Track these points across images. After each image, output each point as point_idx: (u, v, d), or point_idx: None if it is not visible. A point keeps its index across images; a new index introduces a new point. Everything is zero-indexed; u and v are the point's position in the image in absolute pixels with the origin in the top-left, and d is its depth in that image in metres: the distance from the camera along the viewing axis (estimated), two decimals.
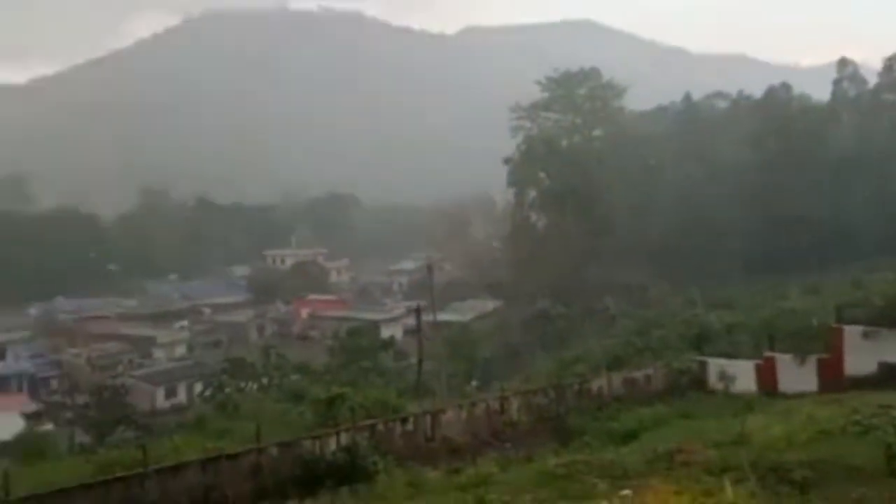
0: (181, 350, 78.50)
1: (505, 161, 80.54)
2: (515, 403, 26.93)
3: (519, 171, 79.91)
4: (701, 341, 34.40)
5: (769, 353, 29.02)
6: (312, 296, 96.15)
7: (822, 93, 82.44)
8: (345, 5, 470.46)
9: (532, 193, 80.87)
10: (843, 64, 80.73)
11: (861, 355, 26.05)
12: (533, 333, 61.22)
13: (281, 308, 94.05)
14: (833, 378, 26.26)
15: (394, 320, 79.02)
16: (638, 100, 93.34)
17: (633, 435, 22.90)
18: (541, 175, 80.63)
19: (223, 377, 51.44)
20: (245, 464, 19.97)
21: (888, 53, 76.60)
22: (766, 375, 28.45)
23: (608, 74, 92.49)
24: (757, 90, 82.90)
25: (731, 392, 27.55)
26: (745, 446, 16.99)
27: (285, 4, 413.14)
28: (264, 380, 49.96)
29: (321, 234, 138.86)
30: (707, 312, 44.02)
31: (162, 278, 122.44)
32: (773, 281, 57.81)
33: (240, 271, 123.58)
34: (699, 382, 29.88)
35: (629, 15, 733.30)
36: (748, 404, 24.17)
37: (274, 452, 20.48)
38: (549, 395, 28.03)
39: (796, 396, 25.60)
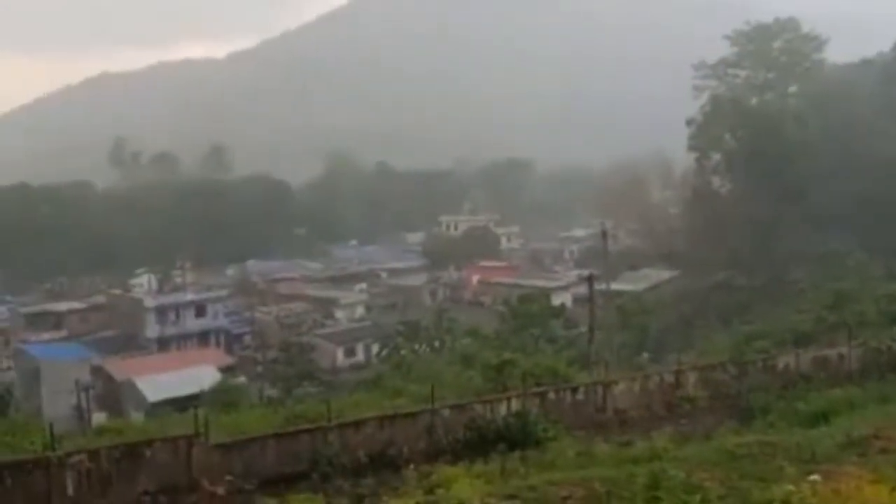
0: (360, 311, 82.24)
1: (687, 122, 76.39)
2: (692, 378, 25.82)
3: (702, 133, 75.06)
4: None
5: None
6: (483, 262, 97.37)
7: None
8: None
9: (716, 157, 75.92)
10: None
11: None
12: (711, 306, 58.55)
13: (453, 274, 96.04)
14: None
15: (564, 288, 78.36)
16: (841, 51, 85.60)
17: (823, 417, 21.29)
18: (726, 137, 75.72)
19: (398, 339, 53.57)
20: (420, 423, 20.56)
21: None
22: None
23: (808, 25, 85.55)
24: None
25: None
26: None
27: None
28: (436, 343, 51.46)
29: (494, 200, 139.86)
30: None
31: (344, 243, 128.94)
32: None
33: (414, 237, 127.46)
34: None
35: None
36: None
37: (446, 413, 20.94)
38: (730, 371, 26.62)
39: None
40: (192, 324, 72.36)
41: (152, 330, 70.13)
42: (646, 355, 47.42)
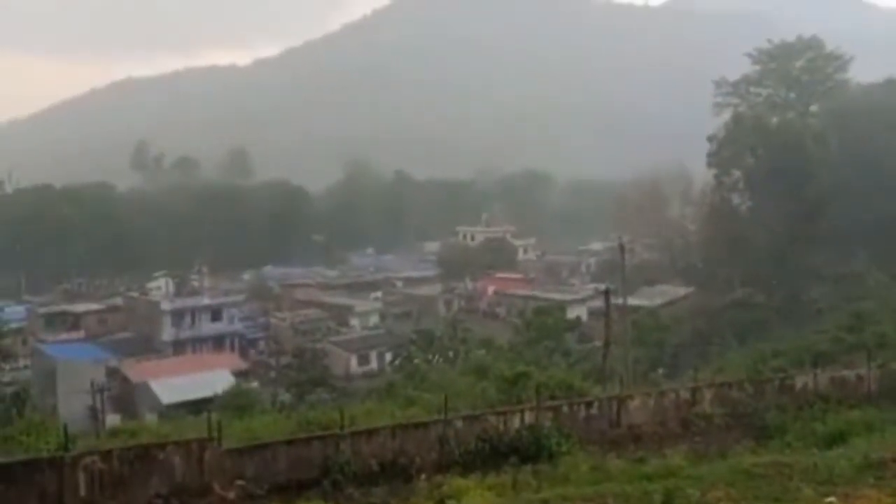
0: (374, 319, 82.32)
1: (708, 139, 76.11)
2: (708, 395, 25.54)
3: (723, 150, 75.11)
4: None
5: None
6: (499, 273, 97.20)
7: None
8: None
9: (736, 174, 75.73)
10: None
11: None
12: (728, 323, 58.04)
13: (469, 284, 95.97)
14: None
15: (580, 301, 78.03)
16: (866, 71, 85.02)
17: (841, 438, 20.97)
18: (746, 154, 75.40)
19: (412, 348, 53.59)
20: (432, 433, 20.45)
21: None
22: None
23: (832, 44, 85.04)
24: None
25: None
26: None
27: None
28: (450, 353, 51.43)
29: (512, 211, 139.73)
30: None
31: (361, 250, 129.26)
32: None
33: (431, 246, 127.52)
34: None
35: None
36: None
37: (459, 425, 20.83)
38: (747, 390, 26.31)
39: None
40: (208, 328, 72.74)
41: (168, 333, 70.52)
42: (661, 371, 47.08)
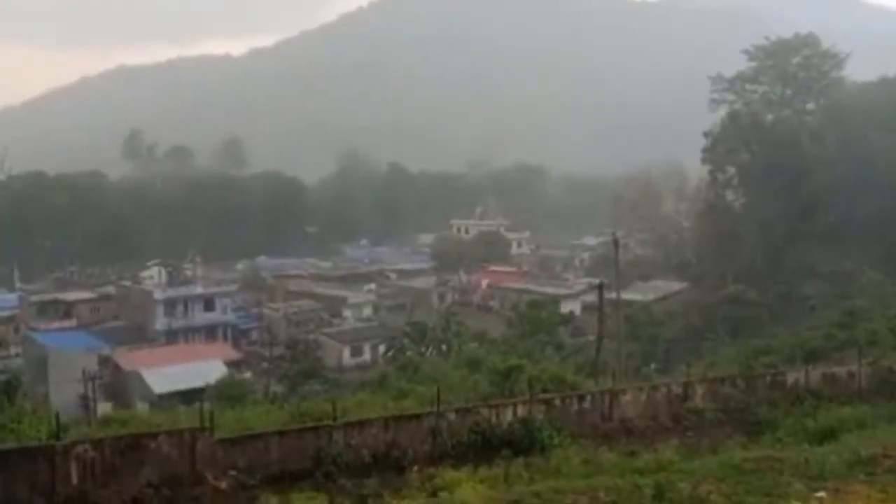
0: (368, 311, 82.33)
1: (705, 135, 76.19)
2: (700, 390, 25.63)
3: (718, 146, 75.25)
4: None
5: None
6: (493, 266, 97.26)
7: None
8: None
9: (730, 170, 75.94)
10: None
11: None
12: (720, 319, 58.22)
13: (462, 277, 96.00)
14: None
15: (574, 296, 78.19)
16: (862, 69, 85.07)
17: (832, 435, 21.09)
18: (742, 151, 75.54)
19: (405, 340, 53.59)
20: (425, 425, 20.48)
21: None
22: None
23: (829, 42, 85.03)
24: None
25: None
26: None
27: None
28: (443, 345, 51.43)
29: (506, 205, 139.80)
30: None
31: (354, 242, 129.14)
32: None
33: (425, 239, 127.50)
34: None
35: None
36: None
37: (452, 417, 20.86)
38: (738, 385, 26.41)
39: None
40: (201, 317, 72.68)
41: (161, 322, 70.42)
42: (654, 366, 47.22)
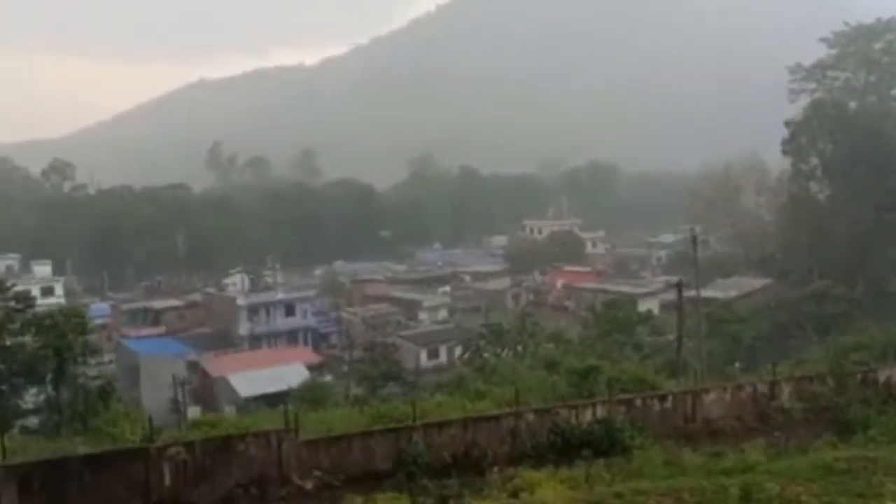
0: (443, 314, 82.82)
1: (786, 124, 73.65)
2: (787, 389, 24.81)
3: (799, 137, 72.61)
4: None
5: None
6: (568, 267, 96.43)
7: None
8: None
9: (814, 161, 73.16)
10: None
11: None
12: (807, 316, 56.20)
13: (537, 278, 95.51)
14: None
15: (651, 294, 76.80)
16: None
17: None
18: (825, 141, 72.67)
19: (481, 342, 53.57)
20: (504, 426, 20.49)
21: None
22: None
23: None
24: None
25: None
26: None
27: None
28: (519, 347, 51.19)
29: (579, 204, 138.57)
30: None
31: (428, 246, 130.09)
32: None
33: (498, 240, 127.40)
34: None
35: None
36: None
37: (531, 418, 20.81)
38: (828, 383, 25.44)
39: None
40: (282, 322, 74.45)
41: (244, 328, 72.47)
42: (737, 365, 45.98)
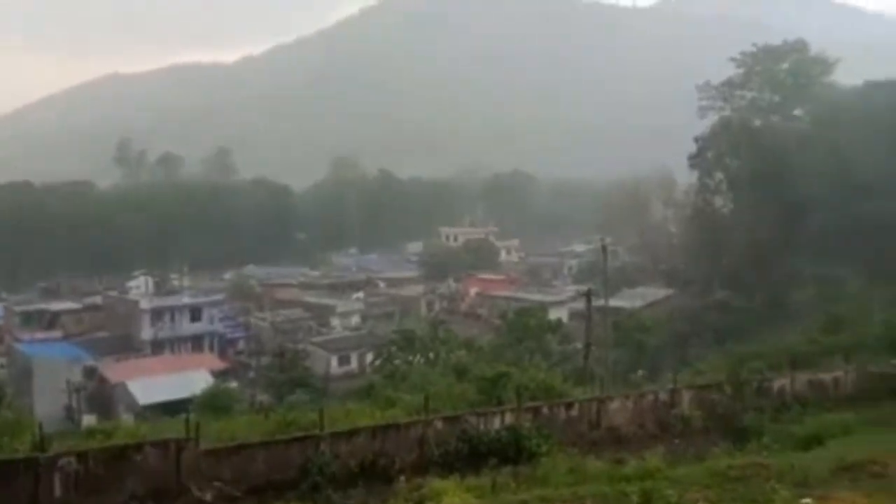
0: (356, 320, 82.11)
1: (695, 140, 76.46)
2: (687, 397, 25.68)
3: (706, 152, 75.64)
4: None
5: None
6: (482, 274, 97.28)
7: None
8: None
9: (718, 176, 76.30)
10: None
11: None
12: (707, 325, 58.40)
13: (451, 285, 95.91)
14: None
15: (562, 303, 78.16)
16: (850, 75, 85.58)
17: (817, 441, 21.19)
18: (730, 157, 75.87)
19: (393, 348, 53.34)
20: (412, 434, 20.40)
21: None
22: None
23: (820, 48, 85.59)
24: None
25: None
26: None
27: None
28: (431, 354, 51.19)
29: (496, 212, 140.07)
30: None
31: (343, 250, 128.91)
32: None
33: (414, 247, 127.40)
34: None
35: None
36: None
37: (439, 425, 20.78)
38: (725, 392, 26.47)
39: None
40: (187, 327, 72.14)
41: (147, 332, 69.88)
42: (641, 373, 47.18)
